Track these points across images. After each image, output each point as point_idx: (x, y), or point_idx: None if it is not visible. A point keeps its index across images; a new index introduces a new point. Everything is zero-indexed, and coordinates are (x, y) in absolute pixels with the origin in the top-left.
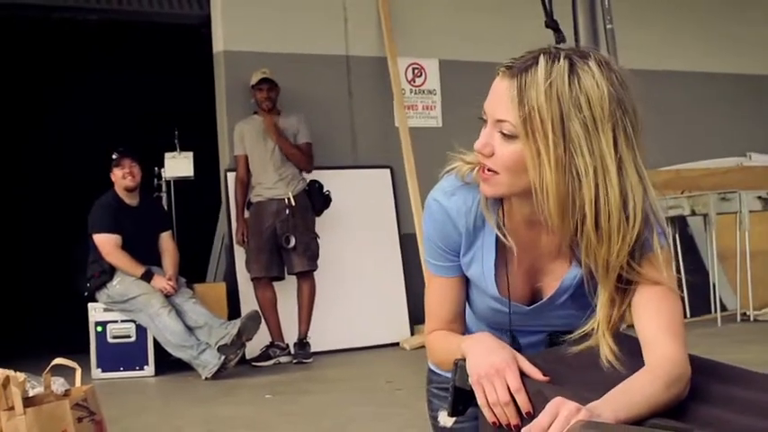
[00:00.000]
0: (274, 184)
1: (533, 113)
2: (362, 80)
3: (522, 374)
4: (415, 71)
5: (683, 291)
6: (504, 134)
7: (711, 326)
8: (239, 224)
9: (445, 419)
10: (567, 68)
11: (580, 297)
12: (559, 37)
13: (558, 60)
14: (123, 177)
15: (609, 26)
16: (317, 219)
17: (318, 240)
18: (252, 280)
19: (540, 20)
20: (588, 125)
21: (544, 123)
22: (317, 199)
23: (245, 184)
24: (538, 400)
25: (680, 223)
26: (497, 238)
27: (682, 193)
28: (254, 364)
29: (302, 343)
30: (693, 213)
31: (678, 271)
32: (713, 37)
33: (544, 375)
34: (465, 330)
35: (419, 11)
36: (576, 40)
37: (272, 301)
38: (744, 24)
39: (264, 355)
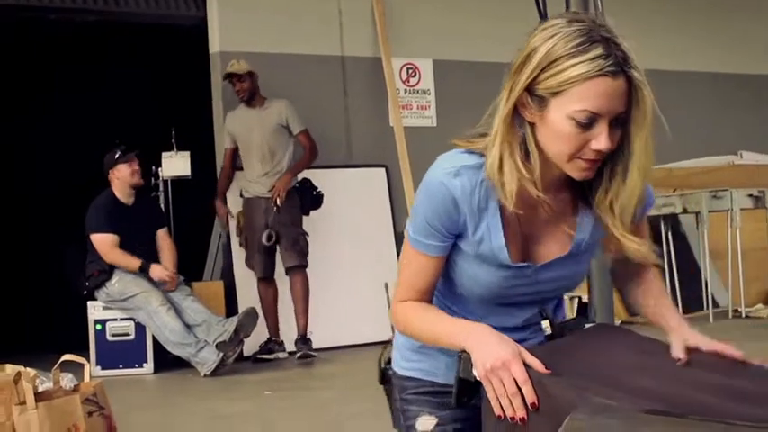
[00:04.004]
0: (258, 178)
1: (641, 93)
2: (357, 80)
3: (526, 366)
4: (410, 71)
5: (675, 288)
6: (619, 122)
7: (703, 322)
8: (220, 210)
9: (424, 425)
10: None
11: (591, 249)
12: None
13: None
14: (132, 175)
15: None
16: (307, 218)
17: (307, 238)
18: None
19: (533, 21)
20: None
21: (646, 97)
22: (307, 198)
23: (228, 175)
24: (539, 390)
25: (672, 221)
26: (501, 214)
27: (674, 191)
28: (258, 356)
29: (304, 338)
30: (685, 211)
31: (671, 268)
32: (705, 36)
33: (546, 368)
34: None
35: (413, 12)
36: None
37: (274, 297)
38: (736, 24)
39: (266, 349)
